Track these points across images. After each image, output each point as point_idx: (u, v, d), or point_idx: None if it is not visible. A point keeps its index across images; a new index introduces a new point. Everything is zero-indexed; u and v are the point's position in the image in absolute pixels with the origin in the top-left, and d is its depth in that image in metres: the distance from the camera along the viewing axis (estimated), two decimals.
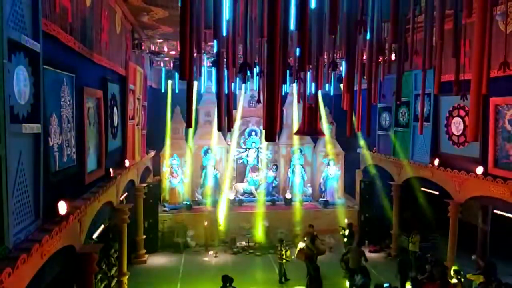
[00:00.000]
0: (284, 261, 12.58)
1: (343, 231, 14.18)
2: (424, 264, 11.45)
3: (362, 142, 16.17)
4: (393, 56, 8.25)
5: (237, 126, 17.57)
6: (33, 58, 5.11)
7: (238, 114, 17.43)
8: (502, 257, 12.30)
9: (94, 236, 9.13)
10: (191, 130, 16.42)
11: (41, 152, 5.37)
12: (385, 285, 9.44)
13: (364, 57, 7.16)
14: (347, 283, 11.75)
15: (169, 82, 16.38)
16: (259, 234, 15.39)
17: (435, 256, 12.19)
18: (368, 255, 12.81)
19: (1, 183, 4.33)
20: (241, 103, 17.61)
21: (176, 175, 16.64)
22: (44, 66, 5.54)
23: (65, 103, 6.58)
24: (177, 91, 16.29)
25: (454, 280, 10.11)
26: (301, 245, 12.18)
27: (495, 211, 11.40)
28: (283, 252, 12.60)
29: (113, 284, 11.11)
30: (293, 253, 13.46)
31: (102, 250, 9.07)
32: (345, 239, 13.93)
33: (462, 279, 10.21)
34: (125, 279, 11.10)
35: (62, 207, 5.94)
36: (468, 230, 12.96)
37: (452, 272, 10.36)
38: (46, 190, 5.56)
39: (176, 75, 15.26)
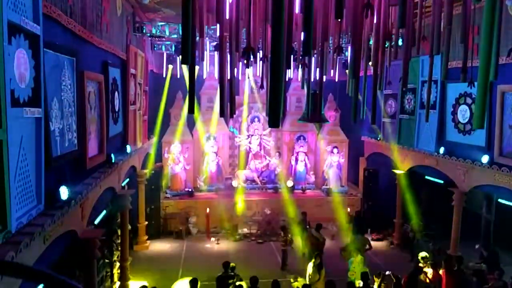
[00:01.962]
0: (287, 247, 12.61)
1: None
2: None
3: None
4: (400, 42, 8.10)
5: (245, 112, 17.52)
6: (33, 41, 5.04)
7: (245, 99, 17.31)
8: (506, 247, 12.29)
9: (96, 221, 9.14)
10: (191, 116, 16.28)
11: (42, 137, 5.33)
12: (387, 273, 9.44)
13: (371, 42, 7.01)
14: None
15: (170, 66, 16.16)
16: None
17: (438, 244, 12.21)
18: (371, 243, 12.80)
19: (3, 168, 4.32)
20: (247, 89, 17.45)
21: (178, 162, 16.61)
22: (45, 49, 5.47)
23: (66, 87, 6.51)
24: (178, 76, 16.10)
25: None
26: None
27: (499, 200, 11.34)
28: (288, 238, 12.64)
29: (115, 269, 11.18)
30: (295, 240, 13.52)
31: (104, 236, 9.09)
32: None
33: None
34: (127, 265, 11.16)
35: (64, 192, 5.93)
36: (472, 219, 12.92)
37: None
38: (48, 175, 5.55)
39: (178, 59, 15.07)
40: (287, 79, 12.73)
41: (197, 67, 9.25)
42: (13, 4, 4.57)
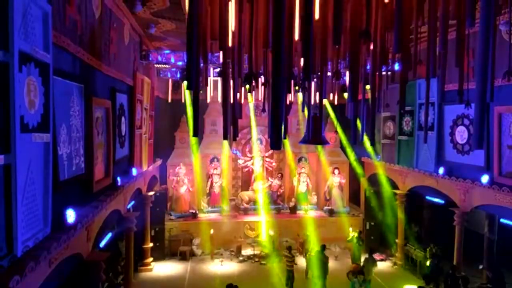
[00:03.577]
0: (293, 268, 12.57)
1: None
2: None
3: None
4: (396, 66, 8.31)
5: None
6: (43, 68, 5.16)
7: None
8: (510, 267, 12.20)
9: (102, 244, 9.19)
10: (195, 139, 16.49)
11: (50, 161, 5.42)
12: None
13: (368, 67, 7.22)
14: None
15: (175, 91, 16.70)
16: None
17: (442, 266, 12.12)
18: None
19: (10, 191, 4.39)
20: (251, 113, 17.75)
21: (183, 184, 16.74)
22: (54, 77, 5.62)
23: (74, 113, 6.68)
24: (183, 101, 16.47)
25: None
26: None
27: (502, 220, 11.34)
28: (292, 259, 12.62)
29: None
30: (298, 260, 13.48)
31: (109, 258, 9.12)
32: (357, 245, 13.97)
33: None
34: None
35: (70, 215, 6.01)
36: (474, 239, 12.86)
37: None
38: (55, 198, 5.61)
39: (183, 85, 15.45)
40: (288, 103, 12.98)
41: (201, 92, 9.49)
42: (24, 34, 4.74)
